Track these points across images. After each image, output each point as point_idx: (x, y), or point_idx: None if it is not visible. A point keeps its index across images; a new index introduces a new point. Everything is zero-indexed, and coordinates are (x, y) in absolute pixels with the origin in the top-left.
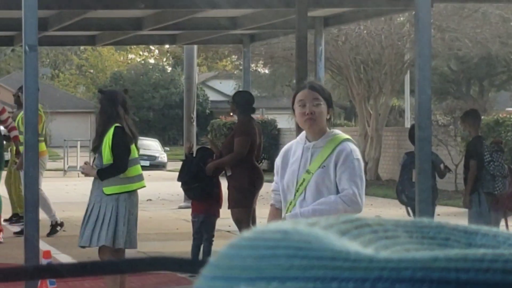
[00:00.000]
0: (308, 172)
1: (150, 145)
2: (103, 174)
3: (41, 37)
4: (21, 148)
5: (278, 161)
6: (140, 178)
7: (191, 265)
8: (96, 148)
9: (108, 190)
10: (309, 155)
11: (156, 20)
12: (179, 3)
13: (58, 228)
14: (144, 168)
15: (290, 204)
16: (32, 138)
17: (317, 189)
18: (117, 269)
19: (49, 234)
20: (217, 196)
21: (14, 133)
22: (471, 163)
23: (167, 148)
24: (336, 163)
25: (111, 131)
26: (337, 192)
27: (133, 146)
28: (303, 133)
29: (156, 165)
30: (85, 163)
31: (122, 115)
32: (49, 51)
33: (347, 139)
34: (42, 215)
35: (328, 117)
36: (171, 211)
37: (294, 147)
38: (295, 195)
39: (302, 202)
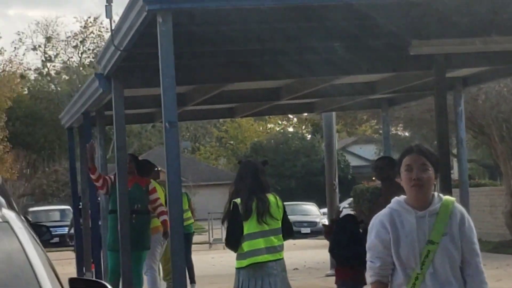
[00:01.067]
0: (431, 242)
1: (309, 210)
2: None
3: (181, 112)
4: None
5: (384, 234)
6: (254, 253)
7: None
8: (223, 220)
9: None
10: (425, 224)
11: (293, 90)
12: (316, 72)
13: None
14: (305, 236)
15: (417, 280)
16: (177, 212)
17: (446, 258)
18: None
19: None
20: (363, 261)
21: (164, 217)
22: None
23: (325, 210)
24: (460, 227)
25: None
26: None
27: (250, 221)
28: (401, 200)
29: (318, 231)
30: None
31: (248, 189)
32: (189, 125)
33: (455, 201)
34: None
35: (435, 183)
36: (318, 279)
37: (398, 216)
38: (421, 268)
39: (433, 275)
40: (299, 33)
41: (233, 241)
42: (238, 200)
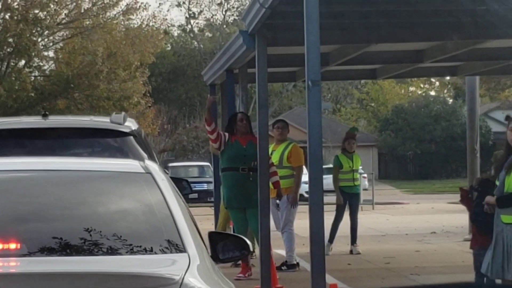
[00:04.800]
0: None
1: None
2: (503, 202)
3: (323, 72)
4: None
5: None
6: None
7: None
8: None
9: (506, 219)
10: None
11: (437, 52)
12: (461, 35)
13: (284, 268)
14: None
15: None
16: (317, 172)
17: None
18: None
19: (277, 268)
20: None
21: (276, 178)
22: None
23: None
24: None
25: None
26: None
27: None
28: None
29: None
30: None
31: None
32: (330, 86)
33: None
34: (343, 248)
35: None
36: (456, 243)
37: None
38: None
39: None
40: None
41: None
42: None
